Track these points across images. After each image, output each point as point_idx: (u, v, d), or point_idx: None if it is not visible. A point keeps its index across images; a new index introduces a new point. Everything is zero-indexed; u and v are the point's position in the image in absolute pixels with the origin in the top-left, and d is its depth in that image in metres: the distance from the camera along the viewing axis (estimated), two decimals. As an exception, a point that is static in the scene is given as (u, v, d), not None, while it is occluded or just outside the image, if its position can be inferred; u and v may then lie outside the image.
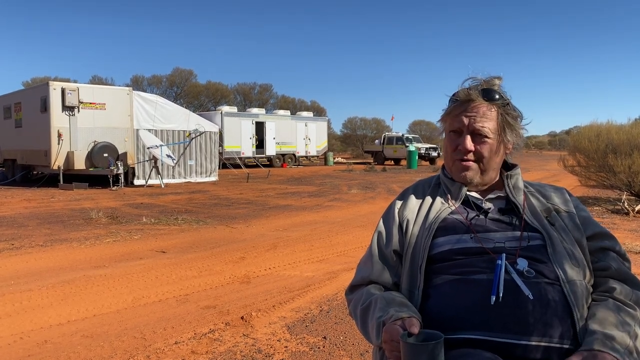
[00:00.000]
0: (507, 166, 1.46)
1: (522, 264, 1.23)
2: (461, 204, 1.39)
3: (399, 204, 1.46)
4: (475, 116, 1.33)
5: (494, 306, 1.17)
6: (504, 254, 1.24)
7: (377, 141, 33.38)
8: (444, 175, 1.46)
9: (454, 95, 1.38)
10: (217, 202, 10.66)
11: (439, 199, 1.41)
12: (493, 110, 1.34)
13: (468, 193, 1.40)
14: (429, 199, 1.43)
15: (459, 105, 1.35)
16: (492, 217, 1.35)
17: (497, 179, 1.42)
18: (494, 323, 1.15)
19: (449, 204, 1.39)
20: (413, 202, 1.44)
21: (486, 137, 1.33)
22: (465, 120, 1.33)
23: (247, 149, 24.72)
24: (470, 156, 1.35)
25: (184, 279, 4.59)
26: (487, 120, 1.33)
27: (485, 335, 1.15)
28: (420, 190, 1.48)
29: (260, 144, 25.56)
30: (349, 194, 12.33)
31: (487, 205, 1.37)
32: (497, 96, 1.34)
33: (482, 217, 1.35)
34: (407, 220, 1.40)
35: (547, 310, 1.16)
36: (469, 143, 1.33)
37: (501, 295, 1.17)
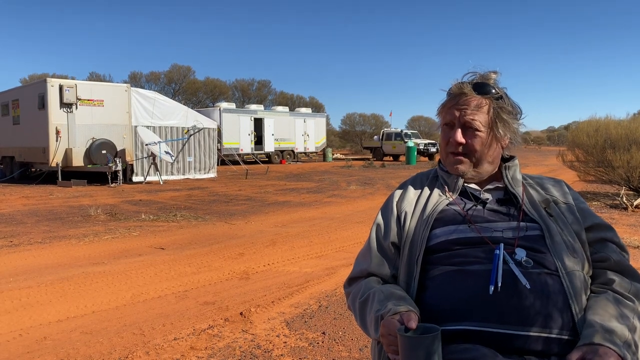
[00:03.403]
0: (505, 158, 1.46)
1: (521, 253, 1.23)
2: (459, 195, 1.40)
3: (397, 196, 1.46)
4: (466, 109, 1.34)
5: (491, 297, 1.16)
6: (502, 244, 1.24)
7: (375, 137, 33.36)
8: (440, 168, 1.46)
9: (449, 89, 1.39)
10: (216, 199, 10.65)
11: (436, 191, 1.41)
12: (485, 103, 1.34)
13: (466, 184, 1.40)
14: (426, 191, 1.43)
15: (452, 98, 1.37)
16: (490, 208, 1.35)
17: (495, 171, 1.42)
18: (492, 314, 1.15)
19: (446, 195, 1.39)
20: (411, 194, 1.44)
21: (477, 130, 1.34)
22: (457, 113, 1.35)
23: (246, 146, 24.68)
24: (461, 149, 1.36)
25: (183, 275, 4.59)
26: (478, 113, 1.34)
27: (483, 327, 1.15)
28: (418, 182, 1.48)
29: (258, 140, 25.53)
30: (348, 190, 12.33)
31: (485, 195, 1.38)
32: (490, 90, 1.35)
33: (479, 207, 1.35)
34: (405, 213, 1.40)
35: (545, 301, 1.16)
36: (459, 136, 1.34)
37: (499, 285, 1.17)
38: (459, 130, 1.34)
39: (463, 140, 1.34)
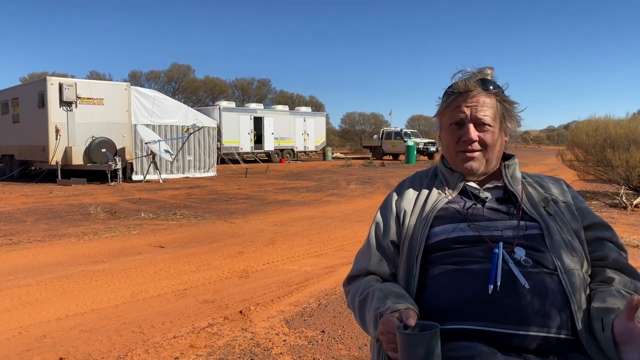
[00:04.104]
0: (504, 156, 1.46)
1: (520, 252, 1.23)
2: (459, 193, 1.40)
3: (396, 195, 1.46)
4: (476, 106, 1.34)
5: (490, 296, 1.16)
6: (501, 243, 1.24)
7: (375, 136, 33.35)
8: (443, 165, 1.46)
9: (450, 87, 1.38)
10: (216, 197, 10.65)
11: (435, 190, 1.41)
12: (491, 99, 1.35)
13: (466, 183, 1.40)
14: (425, 190, 1.43)
15: (457, 96, 1.36)
16: (489, 207, 1.35)
17: (496, 168, 1.43)
18: (491, 313, 1.15)
19: (445, 193, 1.39)
20: (410, 193, 1.44)
21: (488, 125, 1.34)
22: (467, 110, 1.34)
23: (246, 144, 24.68)
24: (475, 146, 1.35)
25: (183, 274, 4.59)
26: (488, 109, 1.34)
27: (482, 326, 1.15)
28: (418, 181, 1.48)
29: (258, 139, 25.52)
30: (348, 189, 12.33)
31: (485, 194, 1.37)
32: (495, 85, 1.36)
33: (479, 206, 1.35)
34: (404, 211, 1.40)
35: (544, 300, 1.16)
36: (473, 132, 1.34)
37: (499, 284, 1.17)
38: (472, 127, 1.34)
39: (477, 137, 1.34)
